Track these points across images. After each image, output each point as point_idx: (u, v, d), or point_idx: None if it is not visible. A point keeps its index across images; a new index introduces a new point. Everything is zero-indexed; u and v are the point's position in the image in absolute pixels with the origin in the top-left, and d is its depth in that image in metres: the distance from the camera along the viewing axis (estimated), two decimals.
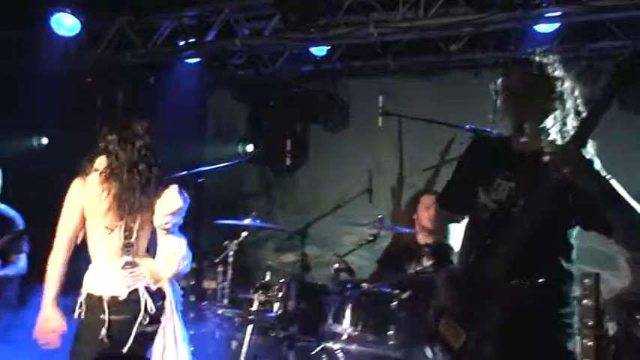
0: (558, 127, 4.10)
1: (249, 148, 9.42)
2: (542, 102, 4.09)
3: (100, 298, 4.98)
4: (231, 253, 7.54)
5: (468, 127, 6.69)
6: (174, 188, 5.40)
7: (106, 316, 4.93)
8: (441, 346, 4.28)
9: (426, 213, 7.63)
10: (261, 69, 9.20)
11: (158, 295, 5.14)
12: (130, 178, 5.11)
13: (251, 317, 7.16)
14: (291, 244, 8.99)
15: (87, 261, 5.16)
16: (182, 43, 8.52)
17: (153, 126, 5.71)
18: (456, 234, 4.36)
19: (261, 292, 7.33)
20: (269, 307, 7.20)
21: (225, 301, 7.50)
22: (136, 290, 5.02)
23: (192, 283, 7.92)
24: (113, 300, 4.97)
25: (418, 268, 7.17)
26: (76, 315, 5.01)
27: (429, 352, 5.15)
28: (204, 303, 7.63)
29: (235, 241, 7.59)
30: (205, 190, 9.36)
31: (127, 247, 5.10)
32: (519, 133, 4.11)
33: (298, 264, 7.50)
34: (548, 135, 4.10)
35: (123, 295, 4.99)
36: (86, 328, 4.97)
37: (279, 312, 7.05)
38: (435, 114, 7.96)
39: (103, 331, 4.92)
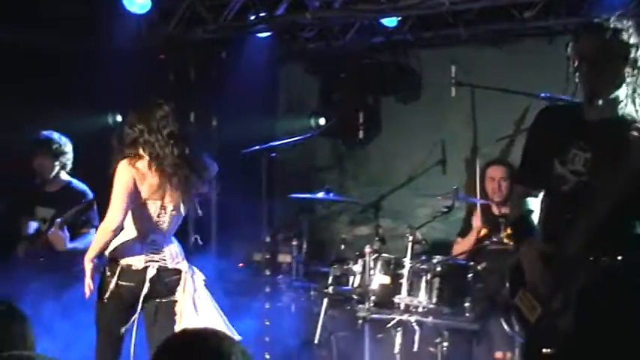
0: (633, 96, 4.01)
1: (321, 121, 9.43)
2: (615, 69, 3.99)
3: (117, 263, 5.57)
4: (306, 226, 7.57)
5: (542, 95, 6.62)
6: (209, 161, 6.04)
7: (114, 280, 5.55)
8: (516, 319, 4.26)
9: (490, 185, 7.59)
10: (331, 41, 9.18)
11: (173, 272, 5.66)
12: (164, 165, 5.58)
13: (326, 291, 7.20)
14: (365, 217, 9.00)
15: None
16: (252, 17, 8.54)
17: (225, 101, 5.87)
18: (534, 208, 4.31)
19: (336, 265, 7.35)
20: (344, 281, 7.22)
21: (301, 275, 7.54)
22: (149, 266, 5.60)
23: (267, 257, 7.98)
24: (128, 268, 5.57)
25: (494, 240, 7.14)
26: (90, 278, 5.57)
27: (505, 325, 5.15)
28: (279, 277, 7.69)
29: (309, 215, 7.61)
30: (278, 164, 9.44)
31: (157, 226, 5.65)
32: (592, 101, 4.03)
33: (372, 236, 7.50)
34: (622, 104, 4.02)
35: (139, 266, 5.58)
36: (103, 288, 5.60)
37: (354, 285, 7.07)
38: (508, 83, 7.88)
39: (108, 293, 5.54)
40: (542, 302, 4.05)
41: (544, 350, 4.05)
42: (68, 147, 7.08)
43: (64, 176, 7.11)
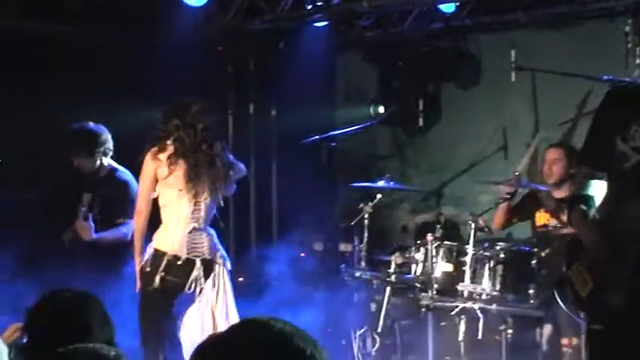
0: None
1: (381, 109, 9.42)
2: None
3: (164, 254, 5.84)
4: (367, 215, 7.58)
5: (604, 78, 6.55)
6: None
7: (161, 273, 5.81)
8: (569, 292, 4.24)
9: (544, 167, 7.52)
10: (389, 29, 9.16)
11: (210, 264, 5.93)
12: (196, 157, 5.89)
13: (389, 279, 7.20)
14: (426, 204, 9.00)
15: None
16: (309, 7, 8.57)
17: (283, 91, 5.96)
18: (598, 190, 4.27)
19: (398, 253, 7.35)
20: (406, 269, 7.22)
21: (363, 264, 7.54)
22: (194, 259, 5.89)
23: (329, 246, 8.01)
24: (174, 259, 5.85)
25: (558, 225, 7.10)
26: (138, 267, 5.93)
27: (557, 298, 5.10)
28: (341, 266, 7.71)
29: (370, 204, 7.62)
30: (338, 154, 9.46)
31: (195, 215, 5.91)
32: None
33: (434, 224, 7.49)
34: None
35: (183, 256, 5.86)
36: (147, 278, 5.86)
37: (417, 273, 7.07)
38: (569, 66, 7.81)
39: (156, 282, 5.81)
40: (594, 277, 4.03)
41: (593, 326, 4.03)
42: (104, 136, 7.01)
43: (109, 162, 7.09)
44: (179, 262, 5.85)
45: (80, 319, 3.26)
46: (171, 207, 5.93)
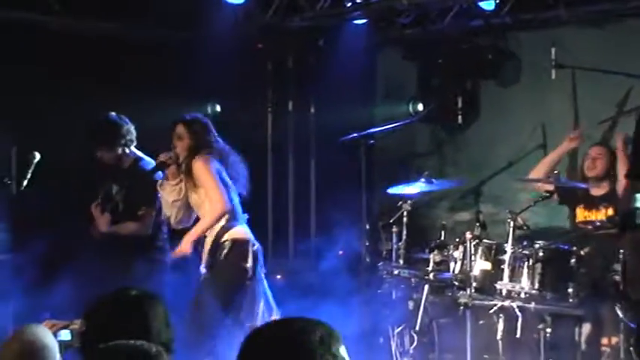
0: None
1: (420, 107, 9.43)
2: None
3: (247, 242, 6.54)
4: (405, 213, 7.60)
5: None
6: None
7: (250, 260, 6.49)
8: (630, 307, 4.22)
9: (586, 161, 7.55)
10: (429, 26, 9.16)
11: None
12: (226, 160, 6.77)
13: (427, 277, 7.21)
14: (465, 202, 8.99)
15: None
16: (349, 4, 8.60)
17: (322, 89, 6.04)
18: None
19: (436, 251, 7.34)
20: (445, 267, 7.23)
21: (401, 262, 7.55)
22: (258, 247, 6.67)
23: (367, 244, 8.03)
24: (255, 251, 6.56)
25: (597, 224, 7.09)
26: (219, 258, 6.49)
27: (619, 311, 5.11)
28: (379, 264, 7.73)
29: (409, 202, 7.64)
30: (377, 151, 9.49)
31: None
32: None
33: (473, 222, 7.50)
34: None
35: (255, 248, 6.59)
36: (229, 267, 6.50)
37: (455, 271, 7.08)
38: (610, 64, 7.79)
39: (249, 265, 6.49)
40: None
41: None
42: (126, 127, 7.08)
43: (133, 152, 7.17)
44: (254, 249, 6.58)
45: (140, 320, 3.30)
46: (235, 202, 6.64)
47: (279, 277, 7.91)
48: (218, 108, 9.32)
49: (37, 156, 6.69)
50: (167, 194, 6.70)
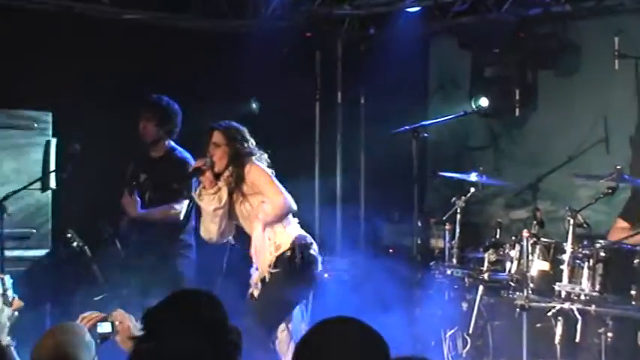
0: None
1: (475, 99, 9.32)
2: None
3: (311, 243, 6.41)
4: (459, 210, 7.50)
5: None
6: None
7: (319, 264, 6.42)
8: None
9: None
10: (485, 14, 9.06)
11: None
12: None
13: (482, 277, 7.11)
14: (522, 199, 8.89)
15: None
16: None
17: (373, 79, 5.96)
18: None
19: (491, 250, 7.25)
20: (500, 267, 7.12)
21: (454, 261, 7.48)
22: None
23: (419, 242, 7.94)
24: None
25: None
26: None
27: None
28: (431, 263, 7.66)
29: (463, 198, 7.54)
30: (429, 145, 9.39)
31: None
32: None
33: (530, 220, 7.37)
34: None
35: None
36: (297, 275, 6.30)
37: (511, 272, 6.97)
38: None
39: (318, 269, 6.44)
40: None
41: None
42: (175, 114, 7.22)
43: (169, 142, 7.26)
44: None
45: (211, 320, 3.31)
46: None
47: (325, 275, 7.82)
48: (254, 105, 9.28)
49: (78, 147, 6.72)
50: (207, 203, 6.44)
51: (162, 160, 7.21)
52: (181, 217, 7.07)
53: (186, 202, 7.08)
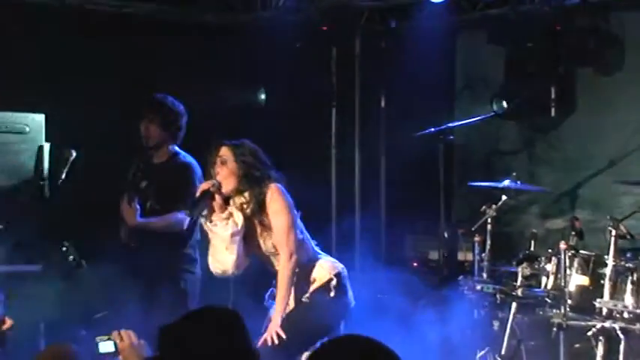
0: None
1: (506, 98, 9.34)
2: None
3: (345, 273, 6.32)
4: (490, 220, 7.53)
5: None
6: None
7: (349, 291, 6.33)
8: None
9: None
10: (517, 6, 9.08)
11: None
12: None
13: (515, 293, 7.15)
14: (559, 207, 8.90)
15: None
16: None
17: (394, 78, 5.97)
18: None
19: (525, 264, 7.28)
20: (535, 282, 7.15)
21: (485, 276, 7.50)
22: None
23: (446, 255, 7.98)
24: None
25: None
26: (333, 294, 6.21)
27: None
28: (459, 277, 7.68)
29: (494, 207, 7.57)
30: (457, 149, 9.41)
31: None
32: None
33: (568, 230, 7.41)
34: None
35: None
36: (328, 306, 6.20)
37: (548, 287, 7.00)
38: None
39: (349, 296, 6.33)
40: None
41: None
42: (180, 116, 7.18)
43: (172, 147, 7.22)
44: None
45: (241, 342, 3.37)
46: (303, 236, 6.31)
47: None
48: (262, 96, 9.33)
49: (74, 153, 6.75)
50: (222, 229, 6.15)
51: (165, 166, 7.20)
52: (185, 226, 7.06)
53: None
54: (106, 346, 4.26)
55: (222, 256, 6.18)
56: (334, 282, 6.18)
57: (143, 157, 7.31)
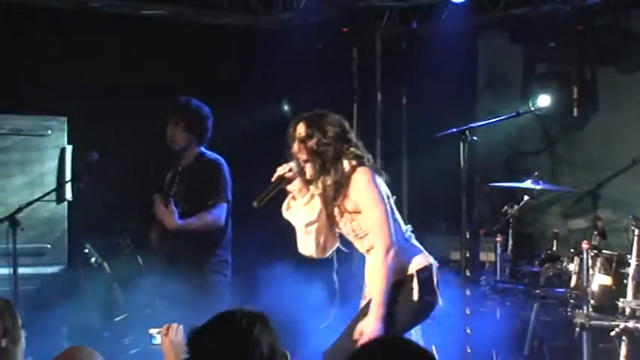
0: None
1: (529, 98, 9.31)
2: None
3: (429, 267, 5.73)
4: (512, 220, 7.51)
5: None
6: None
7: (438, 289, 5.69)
8: None
9: None
10: (539, 5, 9.05)
11: None
12: None
13: (537, 293, 7.14)
14: (581, 207, 8.87)
15: None
16: None
17: (416, 78, 5.93)
18: None
19: (547, 264, 7.28)
20: (557, 282, 7.14)
21: (507, 276, 7.50)
22: None
23: (467, 255, 7.95)
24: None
25: None
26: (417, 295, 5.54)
27: None
28: (482, 278, 7.67)
29: (516, 207, 7.55)
30: (478, 149, 9.37)
31: None
32: None
33: (590, 230, 7.39)
34: None
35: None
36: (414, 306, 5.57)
37: (570, 287, 6.98)
38: None
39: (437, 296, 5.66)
40: None
41: None
42: (205, 118, 7.08)
43: (199, 148, 7.11)
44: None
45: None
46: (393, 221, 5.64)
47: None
48: (286, 107, 9.35)
49: (96, 156, 6.76)
50: (298, 218, 5.66)
51: (193, 167, 7.10)
52: (222, 223, 6.95)
53: (224, 206, 6.95)
54: (158, 339, 4.30)
55: (304, 242, 5.68)
56: (418, 282, 5.54)
57: (175, 161, 7.17)
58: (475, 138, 8.12)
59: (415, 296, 5.48)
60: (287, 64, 8.83)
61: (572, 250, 7.09)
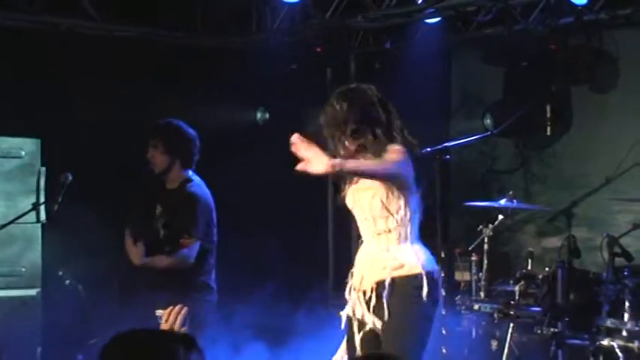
0: None
1: (501, 117, 9.35)
2: None
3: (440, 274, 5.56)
4: (486, 239, 7.52)
5: None
6: None
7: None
8: None
9: None
10: (512, 25, 9.08)
11: None
12: None
13: (512, 312, 7.14)
14: (555, 226, 8.87)
15: None
16: (420, 1, 8.56)
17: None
18: None
19: (522, 283, 7.29)
20: (533, 301, 7.15)
21: (482, 295, 7.50)
22: None
23: (443, 275, 7.96)
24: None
25: None
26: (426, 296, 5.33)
27: None
28: (457, 297, 7.68)
29: (490, 226, 7.56)
30: (452, 168, 9.41)
31: None
32: None
33: (564, 249, 7.40)
34: None
35: None
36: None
37: (545, 306, 6.99)
38: None
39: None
40: None
41: None
42: (188, 140, 6.91)
43: (185, 172, 6.94)
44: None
45: None
46: (417, 216, 5.55)
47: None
48: (267, 115, 9.39)
49: (70, 177, 6.71)
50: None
51: (176, 194, 6.93)
52: (191, 261, 6.79)
53: (197, 245, 6.79)
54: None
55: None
56: (422, 283, 5.32)
57: (158, 181, 7.02)
58: (449, 157, 8.16)
59: (424, 295, 5.29)
60: (261, 84, 8.83)
61: (546, 269, 7.11)
